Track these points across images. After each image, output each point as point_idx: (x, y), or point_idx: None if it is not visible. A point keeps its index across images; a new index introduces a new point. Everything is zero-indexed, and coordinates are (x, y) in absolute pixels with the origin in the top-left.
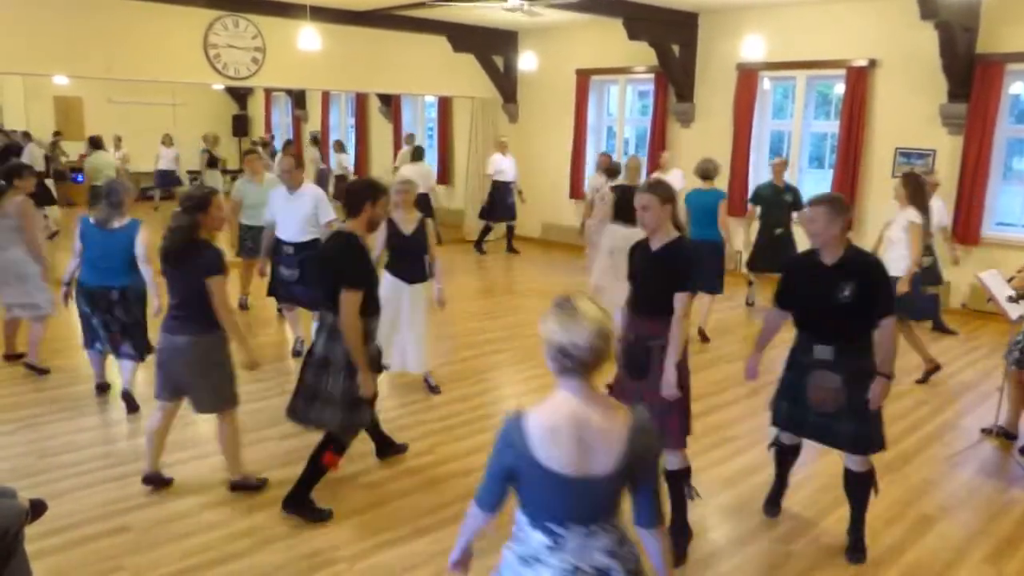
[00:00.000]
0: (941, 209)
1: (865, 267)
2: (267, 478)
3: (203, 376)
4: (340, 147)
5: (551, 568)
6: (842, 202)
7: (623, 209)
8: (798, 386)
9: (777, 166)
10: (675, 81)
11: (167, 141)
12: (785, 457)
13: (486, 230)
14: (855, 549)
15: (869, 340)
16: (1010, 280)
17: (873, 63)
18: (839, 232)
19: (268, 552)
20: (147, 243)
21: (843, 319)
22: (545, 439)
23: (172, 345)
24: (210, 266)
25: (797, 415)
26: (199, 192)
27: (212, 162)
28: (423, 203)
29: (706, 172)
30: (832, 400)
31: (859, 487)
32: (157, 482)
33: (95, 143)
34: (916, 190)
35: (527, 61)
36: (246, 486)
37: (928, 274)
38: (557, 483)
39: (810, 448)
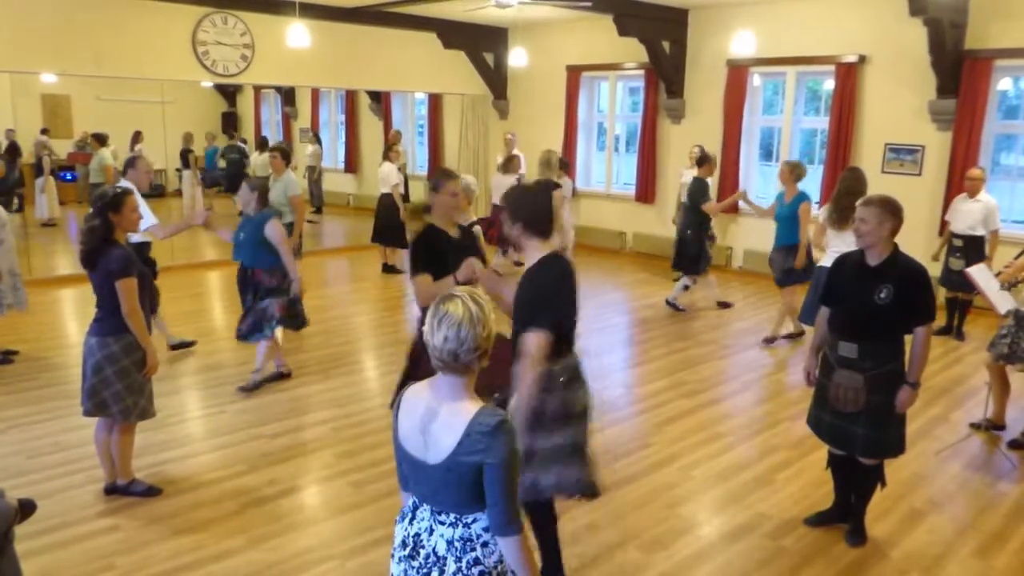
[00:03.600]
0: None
1: (906, 272)
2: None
3: (101, 380)
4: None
5: (400, 530)
6: (895, 204)
7: None
8: (823, 384)
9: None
10: (665, 77)
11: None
12: (835, 470)
13: None
14: (855, 532)
15: (897, 346)
16: (998, 275)
17: (863, 59)
18: (888, 234)
19: (260, 550)
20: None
21: (876, 320)
22: (402, 414)
23: (86, 346)
24: (115, 269)
25: (818, 415)
26: (112, 192)
27: (185, 162)
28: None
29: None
30: (852, 400)
31: (867, 478)
32: (121, 492)
33: (101, 140)
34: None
35: (517, 57)
36: (129, 491)
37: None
38: (403, 455)
39: (802, 443)
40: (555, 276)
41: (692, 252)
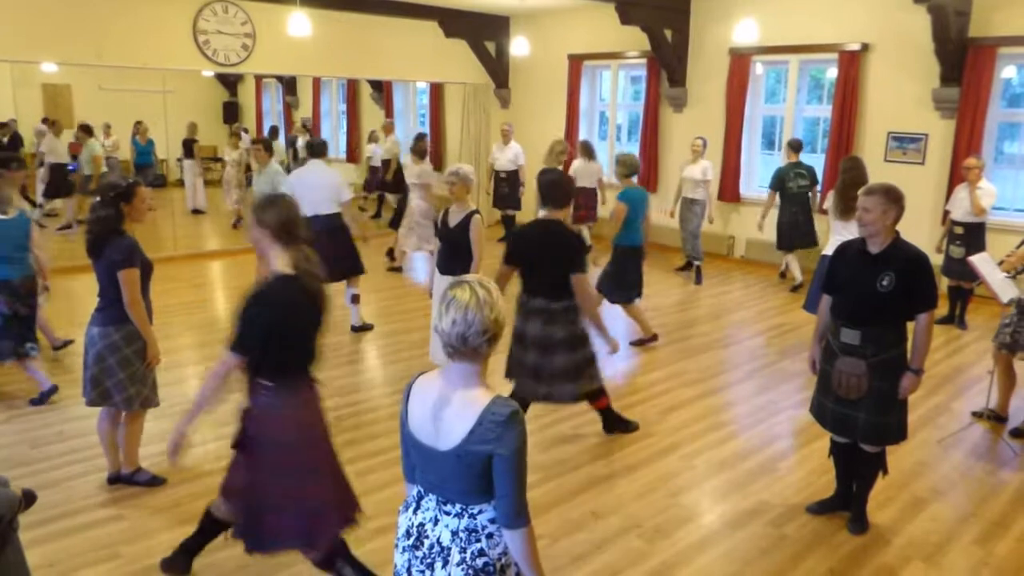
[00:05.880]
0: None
1: (908, 259)
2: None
3: (103, 369)
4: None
5: (404, 520)
6: (897, 192)
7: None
8: (826, 371)
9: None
10: (667, 66)
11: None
12: (838, 458)
13: (504, 220)
14: (857, 520)
15: (899, 332)
16: (1000, 263)
17: (866, 47)
18: (891, 223)
19: None
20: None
21: (878, 308)
22: (413, 401)
23: (87, 335)
24: (118, 259)
25: (821, 402)
26: (123, 182)
27: (188, 152)
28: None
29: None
30: (855, 387)
31: (869, 465)
32: (124, 481)
33: (88, 131)
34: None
35: (519, 46)
36: (133, 480)
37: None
38: (412, 442)
39: (804, 432)
40: None
41: (808, 229)
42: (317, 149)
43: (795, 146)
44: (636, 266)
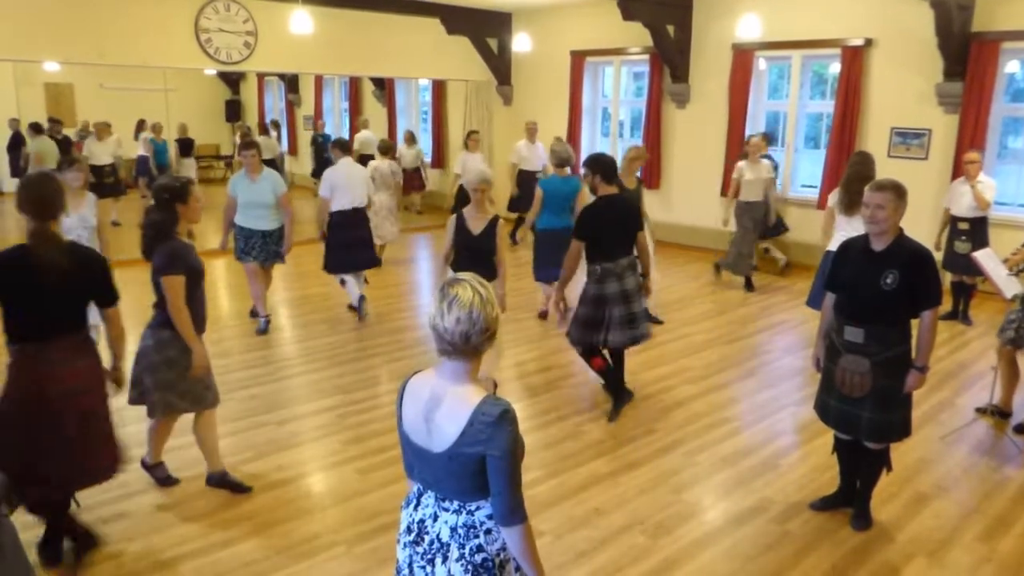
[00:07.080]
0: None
1: (912, 256)
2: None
3: (141, 369)
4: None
5: (406, 516)
6: (904, 188)
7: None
8: (829, 369)
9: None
10: (670, 62)
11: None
12: (841, 454)
13: (519, 221)
14: (860, 517)
15: (903, 330)
16: (1005, 261)
17: (869, 42)
18: (899, 219)
19: (267, 536)
20: None
21: (882, 305)
22: (407, 402)
23: (141, 340)
24: (159, 264)
25: (825, 400)
26: (177, 183)
27: (183, 151)
28: None
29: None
30: (858, 385)
31: (872, 462)
32: (145, 469)
33: (36, 128)
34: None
35: (521, 43)
36: (224, 483)
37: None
38: (407, 442)
39: (807, 428)
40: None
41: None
42: (346, 147)
43: (768, 139)
44: (555, 248)
